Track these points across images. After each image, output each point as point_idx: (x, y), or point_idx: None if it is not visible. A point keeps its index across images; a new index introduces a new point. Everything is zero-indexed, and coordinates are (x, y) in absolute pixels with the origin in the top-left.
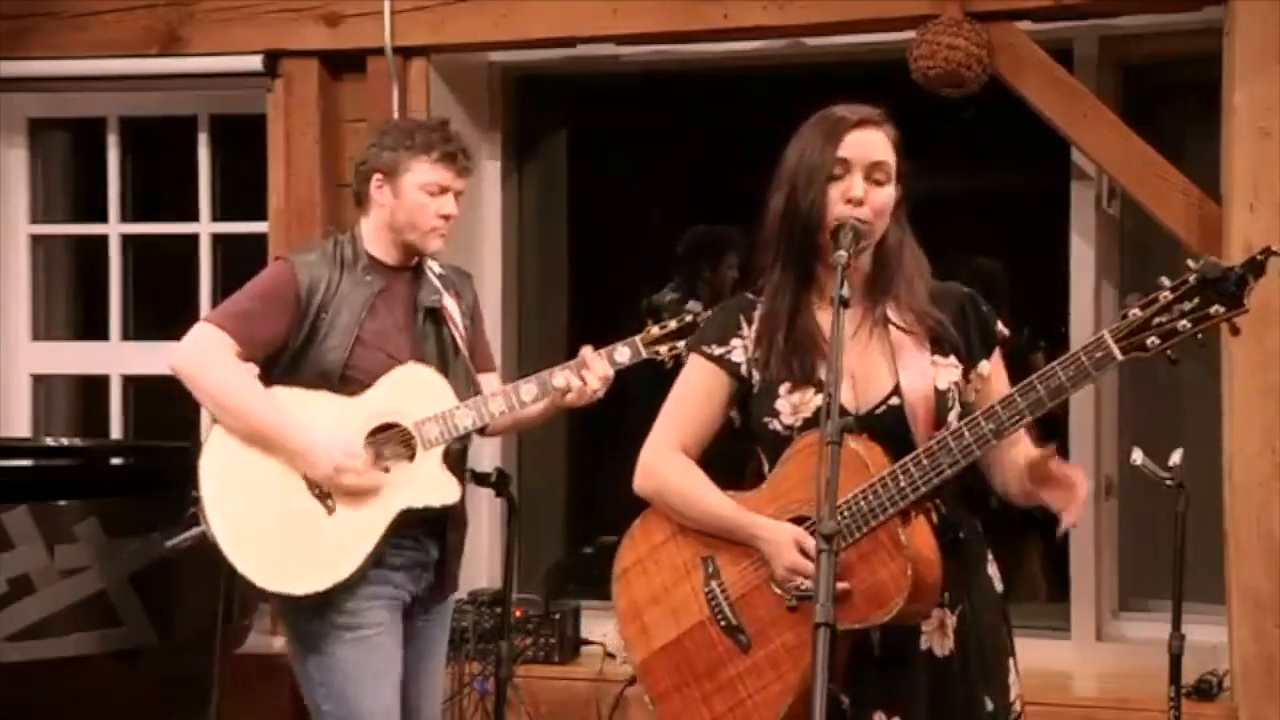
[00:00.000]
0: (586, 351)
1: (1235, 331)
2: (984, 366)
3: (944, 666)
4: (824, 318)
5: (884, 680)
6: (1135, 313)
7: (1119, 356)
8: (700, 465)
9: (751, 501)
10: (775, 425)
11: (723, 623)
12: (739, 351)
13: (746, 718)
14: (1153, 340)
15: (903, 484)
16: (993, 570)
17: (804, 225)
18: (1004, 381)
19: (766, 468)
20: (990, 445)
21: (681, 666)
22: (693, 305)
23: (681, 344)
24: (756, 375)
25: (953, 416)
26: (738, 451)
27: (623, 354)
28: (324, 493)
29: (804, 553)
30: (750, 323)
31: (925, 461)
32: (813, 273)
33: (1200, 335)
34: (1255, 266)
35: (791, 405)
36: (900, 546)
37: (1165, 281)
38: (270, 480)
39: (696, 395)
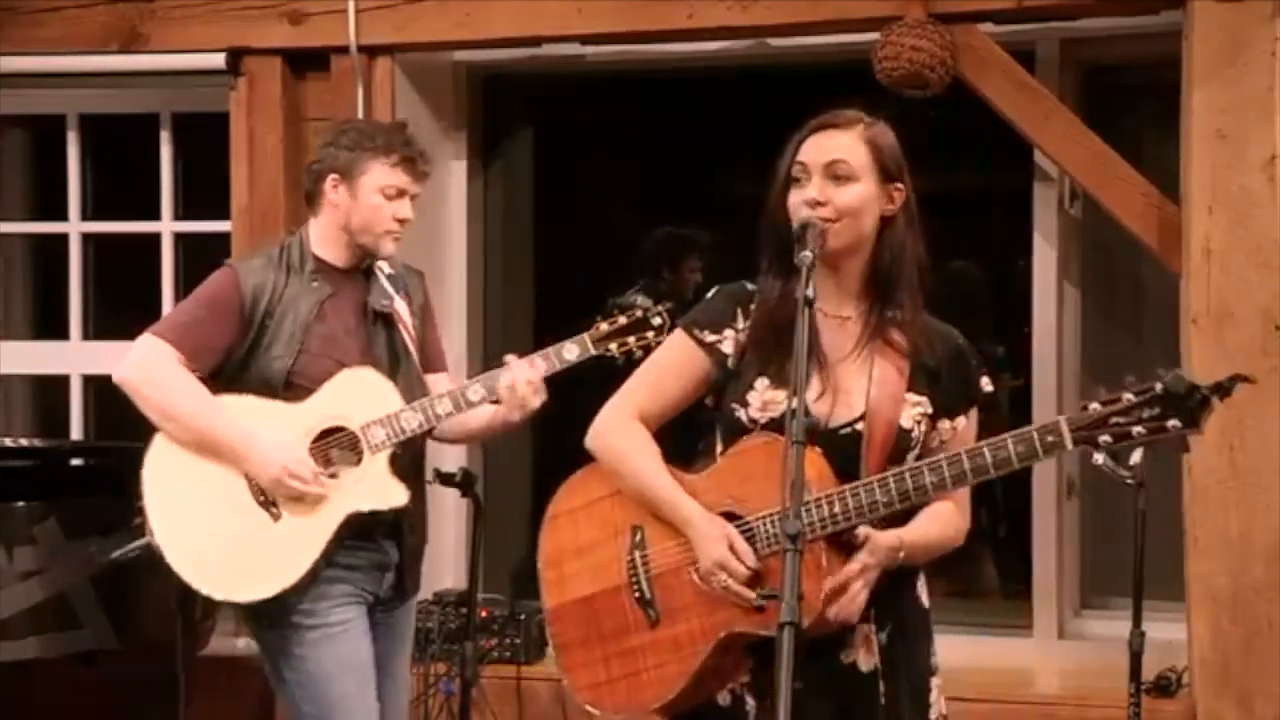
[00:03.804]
0: (511, 359)
1: (1185, 449)
2: (960, 421)
3: (866, 681)
4: (821, 323)
5: (804, 687)
6: (1096, 407)
7: (1069, 446)
8: (656, 437)
9: (689, 484)
10: (741, 414)
11: (637, 594)
12: (729, 343)
13: (640, 689)
14: (1105, 439)
15: (837, 509)
16: (922, 589)
17: (773, 231)
18: (973, 437)
19: (720, 450)
20: (927, 497)
21: (589, 623)
22: (642, 300)
23: (632, 339)
24: (741, 363)
25: (910, 457)
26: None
27: (571, 351)
28: (269, 499)
29: (734, 551)
30: (747, 316)
31: (863, 495)
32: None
33: (1152, 444)
34: (1220, 390)
35: (762, 401)
36: (820, 569)
37: (1131, 382)
38: (215, 488)
39: (670, 372)
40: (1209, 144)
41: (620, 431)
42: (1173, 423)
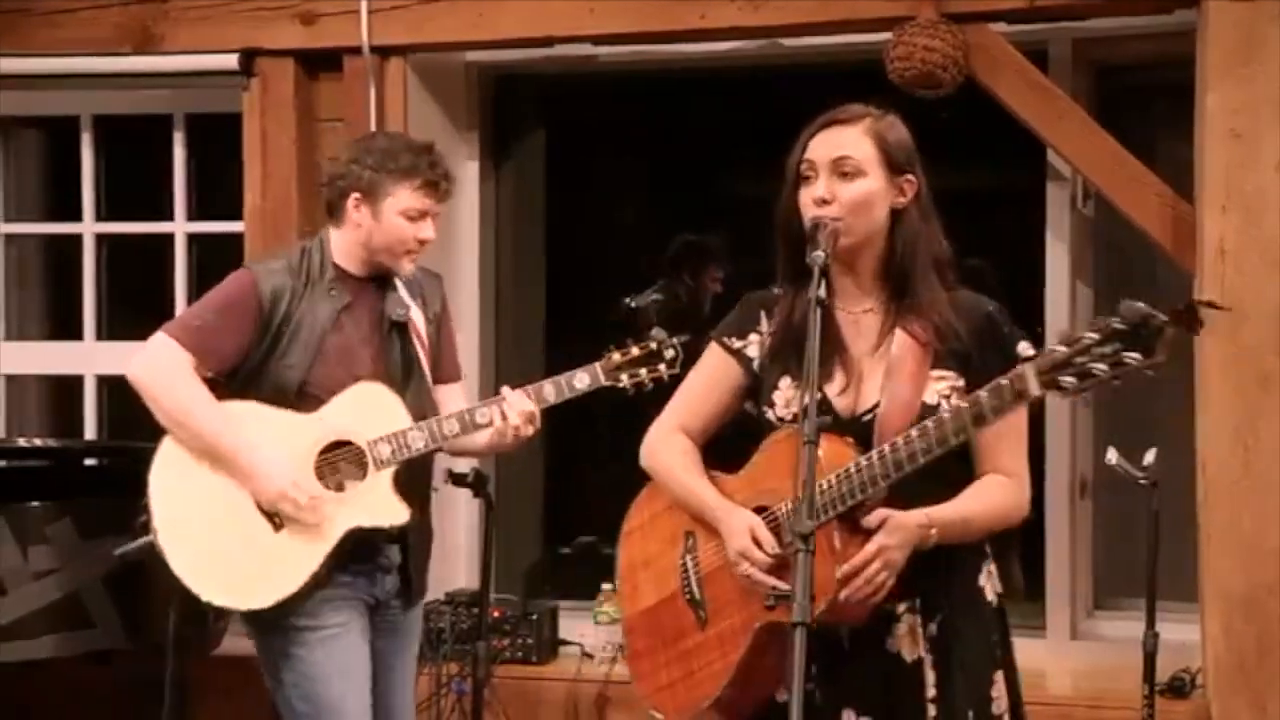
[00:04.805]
0: (506, 390)
1: (1151, 370)
2: None
3: (910, 671)
4: (842, 319)
5: (852, 677)
6: (1059, 349)
7: (1035, 391)
8: (704, 449)
9: (729, 485)
10: (770, 414)
11: (688, 596)
12: (754, 347)
13: (692, 690)
14: (1069, 380)
15: (843, 490)
16: (985, 581)
17: (786, 231)
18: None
19: None
20: (920, 463)
21: (654, 631)
22: (657, 333)
23: (644, 371)
24: (766, 366)
25: None
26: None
27: (582, 380)
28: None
29: (756, 541)
30: (771, 317)
31: (864, 472)
32: (826, 276)
33: (1117, 380)
34: (1181, 317)
35: (786, 399)
36: (833, 553)
37: (1094, 321)
38: (219, 493)
39: (706, 382)
40: (1223, 143)
41: (662, 445)
42: (1131, 355)
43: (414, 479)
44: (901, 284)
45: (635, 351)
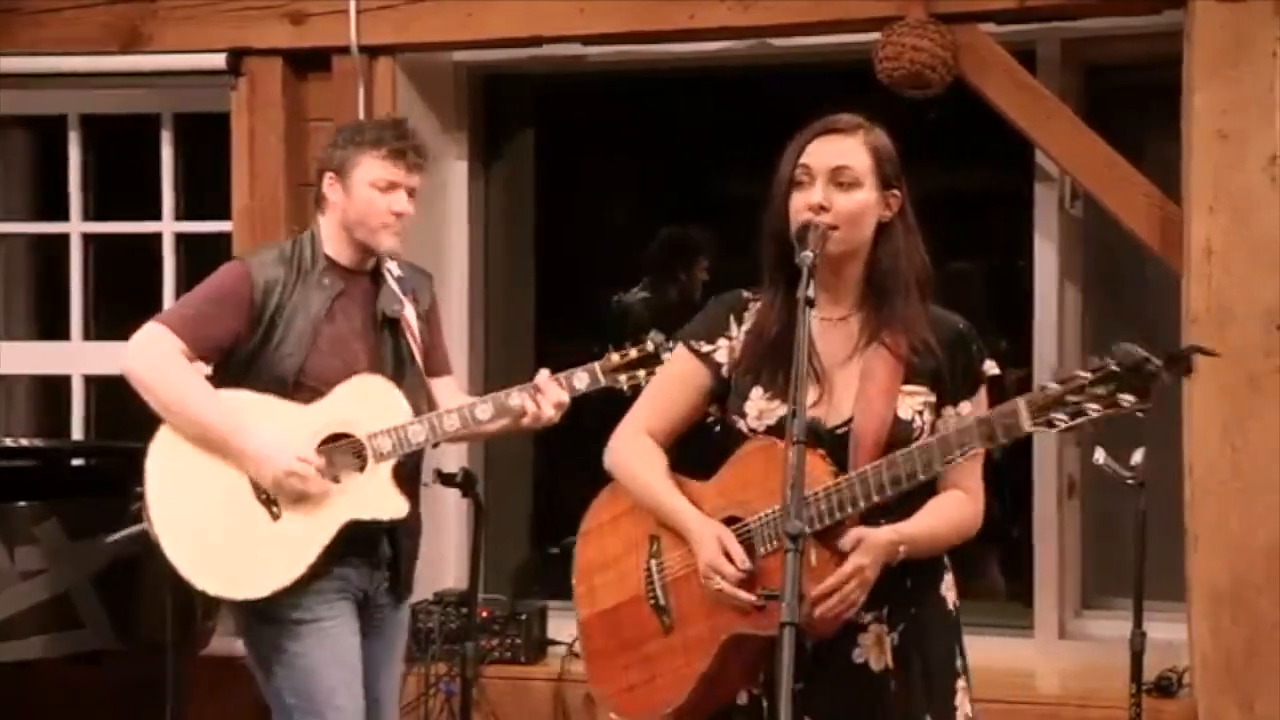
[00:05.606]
0: (543, 376)
1: (1142, 413)
2: (964, 406)
3: (878, 681)
4: (817, 326)
5: (813, 687)
6: (1053, 388)
7: (1026, 428)
8: (670, 453)
9: (696, 493)
10: (740, 425)
11: (652, 601)
12: (723, 352)
13: (654, 694)
14: (1060, 418)
15: (823, 507)
16: (947, 590)
17: (775, 234)
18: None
19: None
20: (904, 486)
21: (613, 633)
22: (654, 335)
23: (642, 373)
24: (736, 374)
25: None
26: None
27: (581, 380)
28: (270, 498)
29: (726, 553)
30: (740, 322)
31: (845, 491)
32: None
33: (1106, 421)
34: (1175, 362)
35: (759, 410)
36: (809, 569)
37: (1090, 360)
38: (216, 482)
39: (673, 384)
40: (1210, 144)
41: (627, 446)
42: (1125, 397)
43: (406, 475)
44: (882, 297)
45: (633, 354)
